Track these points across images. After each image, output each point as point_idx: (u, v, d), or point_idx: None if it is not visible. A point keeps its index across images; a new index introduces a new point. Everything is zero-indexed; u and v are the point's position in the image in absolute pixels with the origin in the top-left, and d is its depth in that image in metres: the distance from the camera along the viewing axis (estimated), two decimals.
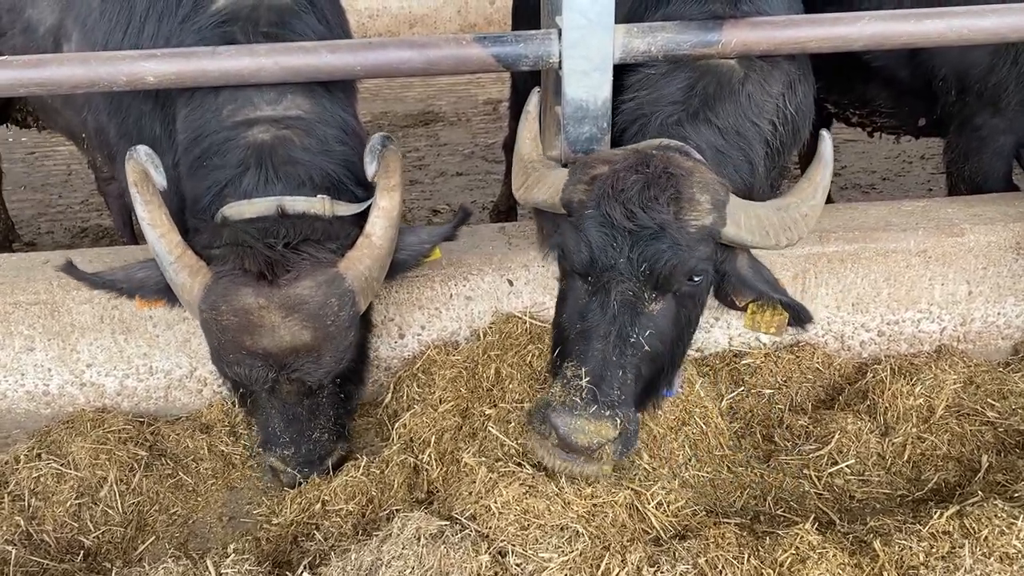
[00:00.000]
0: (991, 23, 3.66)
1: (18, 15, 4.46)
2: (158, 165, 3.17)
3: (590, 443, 2.95)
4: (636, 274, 3.03)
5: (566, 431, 2.94)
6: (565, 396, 2.98)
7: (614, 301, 3.04)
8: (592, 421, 2.94)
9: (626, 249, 3.01)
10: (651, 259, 3.00)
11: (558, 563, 2.94)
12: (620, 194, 3.03)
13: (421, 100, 9.62)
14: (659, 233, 3.00)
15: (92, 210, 7.39)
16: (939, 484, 3.59)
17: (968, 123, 4.69)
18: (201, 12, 3.59)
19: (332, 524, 3.38)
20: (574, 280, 3.20)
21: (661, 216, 3.00)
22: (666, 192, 3.02)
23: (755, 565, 2.98)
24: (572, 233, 3.13)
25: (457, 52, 3.59)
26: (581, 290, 3.16)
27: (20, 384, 3.96)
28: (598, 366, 3.01)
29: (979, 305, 4.22)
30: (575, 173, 3.22)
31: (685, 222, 3.03)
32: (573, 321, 3.16)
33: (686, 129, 3.37)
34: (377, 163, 3.27)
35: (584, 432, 2.94)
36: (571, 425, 2.94)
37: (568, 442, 2.96)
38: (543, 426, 3.02)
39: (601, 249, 3.04)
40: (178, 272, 3.17)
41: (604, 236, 3.03)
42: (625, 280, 3.04)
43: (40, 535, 3.41)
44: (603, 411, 2.95)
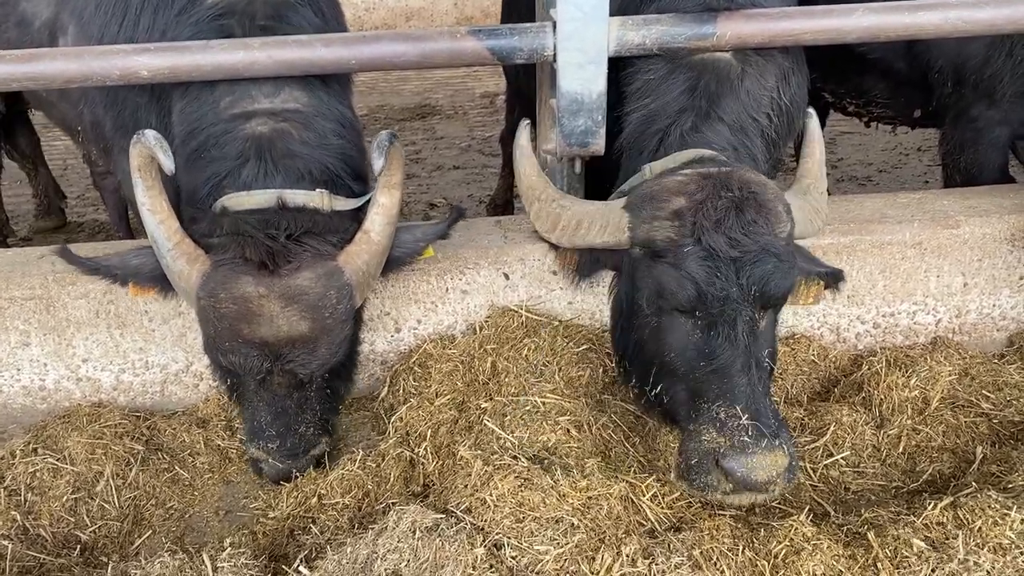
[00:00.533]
0: (986, 15, 3.66)
1: (12, 8, 4.45)
2: (167, 149, 3.15)
3: (769, 478, 2.92)
4: (749, 299, 3.01)
5: (745, 472, 2.90)
6: (732, 439, 2.93)
7: (742, 333, 3.01)
8: (767, 455, 2.91)
9: (734, 277, 2.99)
10: (760, 282, 2.99)
11: (553, 555, 2.94)
12: (719, 224, 3.00)
13: (418, 93, 9.63)
14: (761, 254, 3.00)
15: (88, 205, 7.39)
16: (934, 476, 3.60)
17: (964, 114, 4.69)
18: (198, 5, 3.59)
19: (328, 518, 3.38)
20: (674, 317, 3.13)
21: (764, 238, 3.00)
22: (760, 212, 3.03)
23: (750, 557, 2.98)
24: (669, 271, 3.07)
25: (452, 45, 3.59)
26: (688, 326, 3.10)
27: (16, 379, 3.96)
28: (750, 401, 2.98)
29: (974, 297, 4.23)
30: (644, 209, 3.16)
31: (779, 236, 3.05)
32: (692, 359, 3.09)
33: (705, 133, 3.38)
34: (384, 159, 3.27)
35: (763, 468, 2.91)
36: (749, 465, 2.90)
37: (748, 483, 2.92)
38: (710, 476, 2.97)
39: (709, 283, 3.00)
40: (176, 259, 3.17)
41: (709, 269, 3.00)
42: (744, 308, 3.01)
43: (36, 530, 3.41)
44: (773, 443, 2.92)
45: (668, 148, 3.40)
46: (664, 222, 3.10)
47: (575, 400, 3.59)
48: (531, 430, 3.40)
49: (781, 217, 3.08)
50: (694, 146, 3.35)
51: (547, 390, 3.59)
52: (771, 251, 3.01)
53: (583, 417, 3.52)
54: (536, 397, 3.55)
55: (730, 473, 2.93)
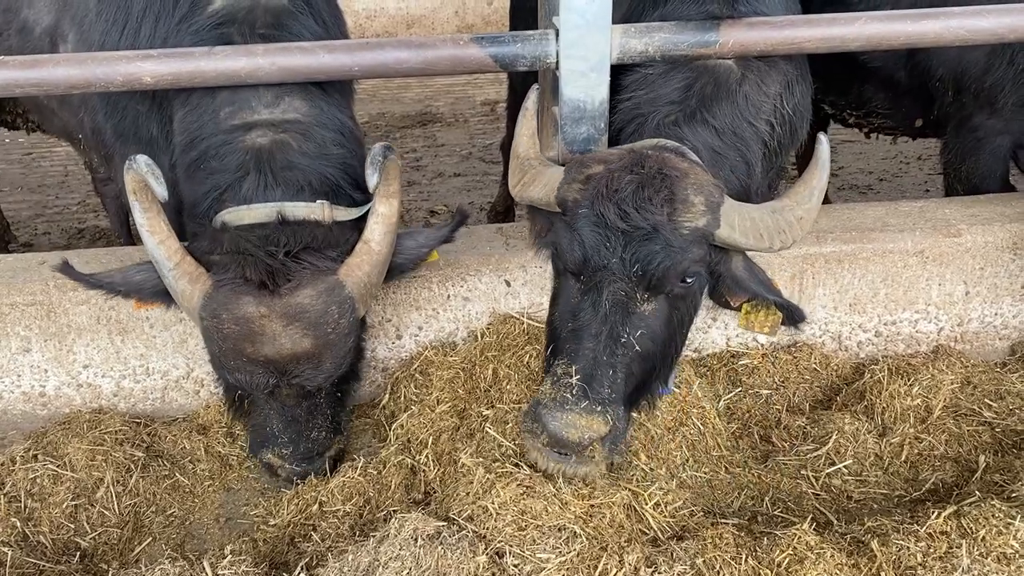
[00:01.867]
0: (988, 23, 3.67)
1: (14, 15, 4.45)
2: (158, 176, 3.15)
3: (580, 438, 2.95)
4: (628, 274, 3.03)
5: (556, 427, 2.95)
6: (555, 393, 2.99)
7: (606, 301, 3.04)
8: (582, 416, 2.95)
9: (619, 249, 3.02)
10: (644, 260, 3.01)
11: (555, 564, 2.93)
12: (614, 194, 3.03)
13: (419, 101, 9.62)
14: (652, 234, 3.00)
15: (89, 211, 7.38)
16: (936, 484, 3.59)
17: (965, 124, 4.69)
18: (198, 13, 3.58)
19: (329, 525, 3.37)
20: (567, 279, 3.20)
21: (655, 217, 3.00)
22: (660, 193, 3.02)
23: (753, 566, 2.98)
24: (566, 232, 3.13)
25: (454, 52, 3.59)
26: (574, 289, 3.16)
27: (16, 385, 3.95)
28: (588, 364, 3.01)
29: (976, 305, 4.22)
30: (571, 172, 3.22)
31: (678, 223, 3.03)
32: (565, 320, 3.16)
33: (683, 130, 3.37)
34: (379, 175, 3.27)
35: (575, 427, 2.95)
36: (561, 420, 2.95)
37: (558, 437, 2.97)
38: (534, 424, 3.03)
39: (594, 249, 3.04)
40: (178, 279, 3.16)
41: (597, 236, 3.03)
42: (617, 280, 3.04)
43: (36, 536, 3.41)
44: (593, 407, 2.96)
45: (642, 135, 3.41)
46: (576, 184, 3.15)
47: None
48: None
49: (690, 207, 3.05)
50: (666, 138, 3.35)
51: None
52: (662, 233, 3.00)
53: None
54: None
55: (544, 423, 2.97)
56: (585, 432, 2.95)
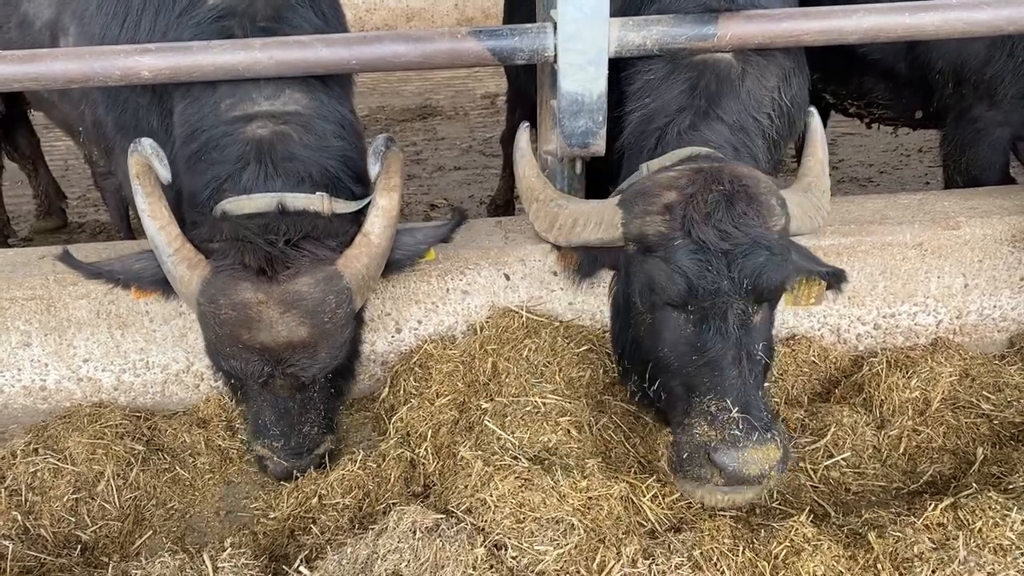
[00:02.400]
0: (987, 15, 3.66)
1: (14, 9, 4.46)
2: (163, 158, 3.17)
3: (761, 471, 2.90)
4: (740, 292, 3.01)
5: (736, 467, 2.88)
6: (723, 433, 2.92)
7: (732, 326, 3.01)
8: (759, 449, 2.89)
9: (725, 270, 2.99)
10: (752, 275, 2.99)
11: (553, 556, 2.94)
12: (709, 217, 3.00)
13: (419, 94, 9.62)
14: (753, 247, 3.00)
15: (89, 205, 7.39)
16: (934, 476, 3.59)
17: (965, 115, 4.69)
18: (198, 6, 3.59)
19: (329, 518, 3.38)
20: (666, 312, 3.13)
21: (754, 230, 3.00)
22: (751, 205, 3.03)
23: (750, 557, 2.99)
24: (659, 266, 3.07)
25: (452, 46, 3.59)
26: (680, 320, 3.10)
27: (17, 379, 3.96)
28: (741, 394, 2.97)
29: (975, 298, 4.22)
30: (636, 205, 3.17)
31: (771, 229, 3.04)
32: (684, 354, 3.08)
33: (704, 132, 3.38)
34: (381, 165, 3.27)
35: (755, 462, 2.89)
36: (741, 459, 2.88)
37: (740, 476, 2.90)
38: (703, 470, 2.95)
39: (699, 276, 3.00)
40: (176, 265, 3.17)
41: (699, 262, 3.00)
42: (735, 301, 3.01)
43: (37, 530, 3.42)
44: (764, 436, 2.91)
45: (666, 146, 3.40)
46: (655, 216, 3.11)
47: (575, 401, 3.60)
48: (531, 431, 3.40)
49: (774, 210, 3.08)
50: (691, 144, 3.35)
51: (547, 391, 3.59)
52: (762, 244, 3.00)
53: (583, 418, 3.52)
54: (536, 398, 3.55)
55: (721, 467, 2.91)
56: (764, 464, 2.90)
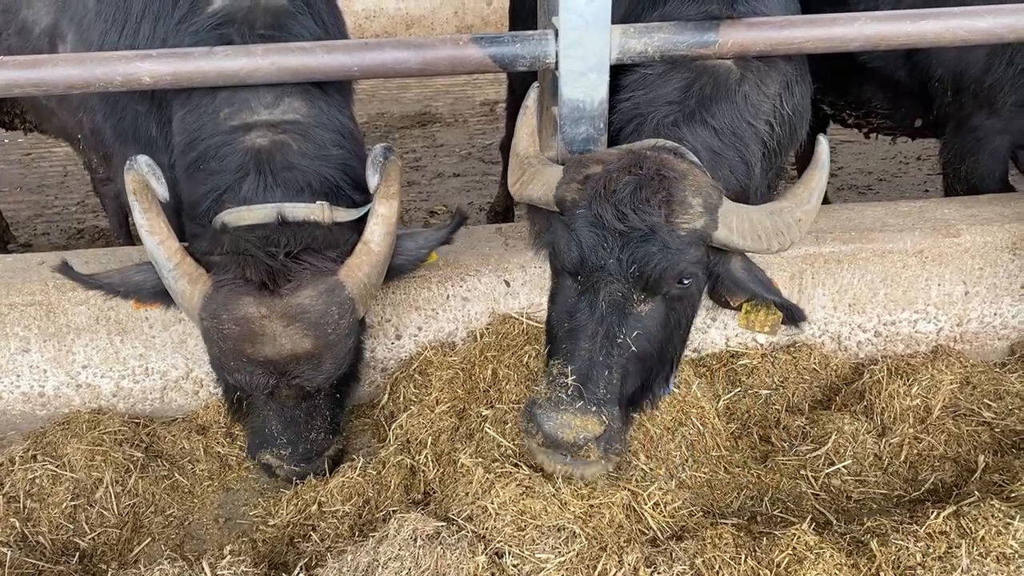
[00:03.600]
0: (987, 24, 3.66)
1: (13, 16, 4.44)
2: (159, 176, 3.16)
3: (575, 438, 2.95)
4: (625, 275, 3.03)
5: (551, 427, 2.96)
6: (551, 393, 3.00)
7: (602, 301, 3.04)
8: (577, 416, 2.95)
9: (616, 250, 3.01)
10: (640, 261, 3.00)
11: (554, 564, 2.93)
12: (612, 195, 3.03)
13: (418, 101, 9.62)
14: (649, 235, 3.00)
15: (88, 211, 7.38)
16: (936, 484, 3.59)
17: (964, 124, 4.69)
18: (198, 13, 3.58)
19: (328, 525, 3.37)
20: (564, 279, 3.20)
21: (652, 219, 3.00)
22: (658, 195, 3.02)
23: (752, 566, 2.98)
24: (564, 232, 3.13)
25: (454, 53, 3.59)
26: (571, 289, 3.16)
27: (16, 385, 3.95)
28: (584, 365, 3.01)
29: (975, 305, 4.22)
30: (569, 171, 3.22)
31: (676, 225, 3.02)
32: (562, 319, 3.16)
33: (682, 130, 3.36)
34: (380, 176, 3.27)
35: (569, 427, 2.95)
36: (556, 420, 2.95)
37: (552, 437, 2.97)
38: (530, 424, 3.03)
39: (591, 249, 3.03)
40: (177, 279, 3.16)
41: (595, 236, 3.03)
42: (614, 281, 3.03)
43: (35, 537, 3.40)
44: (588, 407, 2.96)
45: (640, 135, 3.41)
46: (575, 184, 3.14)
47: None
48: None
49: (688, 208, 3.04)
50: (665, 138, 3.35)
51: None
52: (659, 234, 3.00)
53: None
54: None
55: (538, 423, 2.97)
56: (579, 432, 2.95)
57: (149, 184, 3.14)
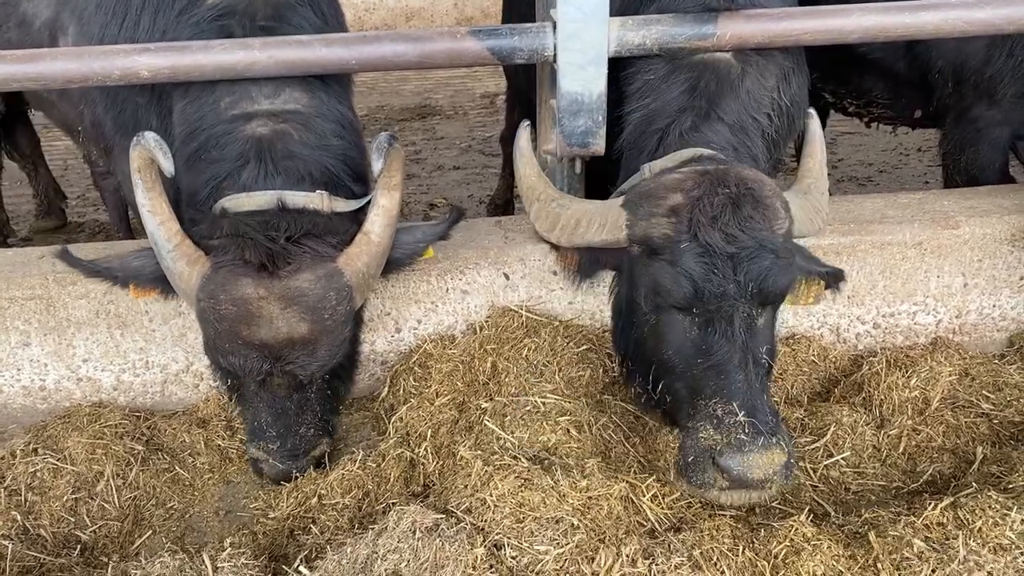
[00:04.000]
0: (986, 15, 3.66)
1: (13, 8, 4.46)
2: (166, 152, 3.16)
3: (765, 475, 2.91)
4: (746, 296, 3.01)
5: (741, 470, 2.90)
6: (728, 437, 2.93)
7: (738, 329, 3.01)
8: (764, 453, 2.90)
9: (730, 273, 2.99)
10: (758, 278, 2.99)
11: (553, 556, 2.94)
12: (715, 220, 3.00)
13: (418, 94, 9.62)
14: (759, 250, 2.99)
15: (88, 205, 7.39)
16: (934, 476, 3.59)
17: (964, 115, 4.69)
18: (198, 5, 3.59)
19: (328, 518, 3.38)
20: (670, 314, 3.13)
21: (761, 233, 3.00)
22: (757, 208, 3.02)
23: (750, 557, 2.98)
24: (665, 268, 3.07)
25: (452, 46, 3.59)
26: (685, 323, 3.10)
27: (16, 379, 3.96)
28: (747, 398, 2.97)
29: (974, 297, 4.22)
30: (641, 207, 3.17)
31: (776, 233, 3.03)
32: (689, 356, 3.09)
33: (705, 133, 3.38)
34: (384, 161, 3.27)
35: (759, 467, 2.90)
36: (745, 463, 2.90)
37: (744, 480, 2.91)
38: (707, 474, 2.97)
39: (705, 279, 2.99)
40: (176, 260, 3.17)
41: (705, 265, 2.99)
42: (741, 305, 3.01)
43: (36, 530, 3.41)
44: (770, 440, 2.92)
45: (667, 147, 3.40)
46: (661, 219, 3.10)
47: (575, 400, 3.60)
48: (531, 430, 3.40)
49: (779, 214, 3.08)
50: (693, 145, 3.35)
51: (547, 390, 3.59)
52: (768, 247, 3.00)
53: (583, 417, 3.52)
54: (536, 397, 3.55)
55: (727, 471, 2.92)
56: (769, 468, 2.91)
57: (155, 160, 3.14)
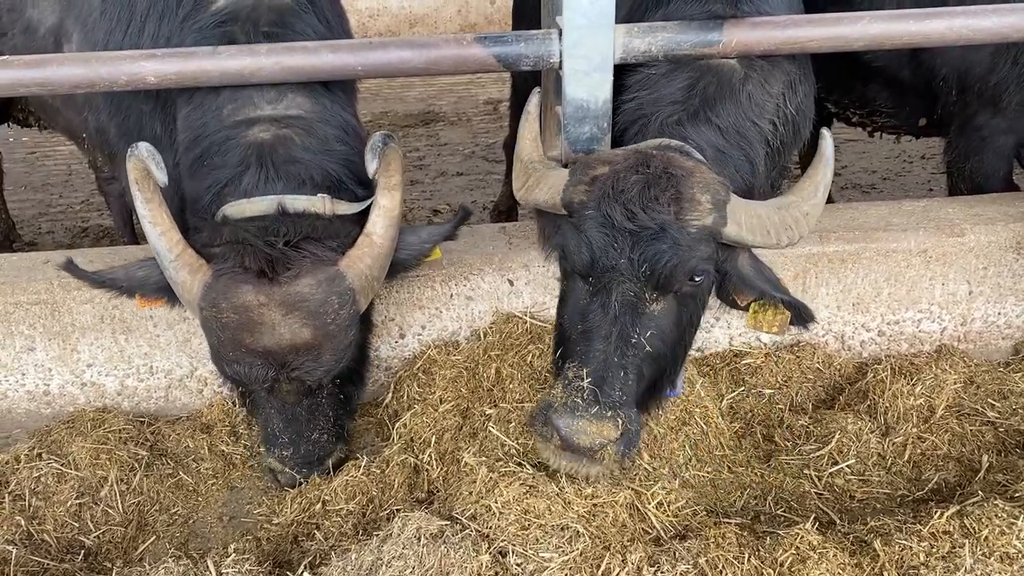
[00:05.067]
0: (992, 23, 3.66)
1: (19, 15, 4.46)
2: (159, 162, 3.17)
3: (592, 444, 2.94)
4: (637, 275, 3.02)
5: (568, 432, 2.93)
6: (567, 397, 2.97)
7: (615, 302, 3.04)
8: (594, 422, 2.93)
9: (627, 250, 3.01)
10: (652, 259, 3.00)
11: (558, 563, 2.94)
12: (620, 195, 3.03)
13: (422, 100, 9.62)
14: (660, 233, 3.00)
15: (93, 210, 7.39)
16: (939, 484, 3.59)
17: (969, 123, 4.68)
18: (202, 12, 3.59)
19: (332, 524, 3.38)
20: (575, 281, 3.20)
21: (662, 216, 3.00)
22: (667, 192, 3.02)
23: (755, 565, 2.98)
24: (573, 234, 3.13)
25: (458, 52, 3.59)
26: (582, 291, 3.15)
27: (21, 384, 3.96)
28: (599, 367, 3.00)
29: (979, 305, 4.22)
30: (575, 173, 3.22)
31: (686, 222, 3.02)
32: (574, 322, 3.16)
33: (686, 129, 3.36)
34: (378, 161, 3.27)
35: (586, 433, 2.93)
36: (573, 426, 2.93)
37: (570, 443, 2.94)
38: (545, 428, 3.00)
39: (602, 250, 3.03)
40: (178, 270, 3.17)
41: (605, 237, 3.03)
42: (626, 281, 3.03)
43: (41, 535, 3.41)
44: (604, 412, 2.94)
45: (645, 135, 3.41)
46: (582, 186, 3.14)
47: None
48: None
49: (697, 206, 3.04)
50: (670, 137, 3.34)
51: None
52: (669, 232, 3.00)
53: None
54: None
55: (556, 429, 2.95)
56: (596, 438, 2.93)
57: (149, 171, 3.14)
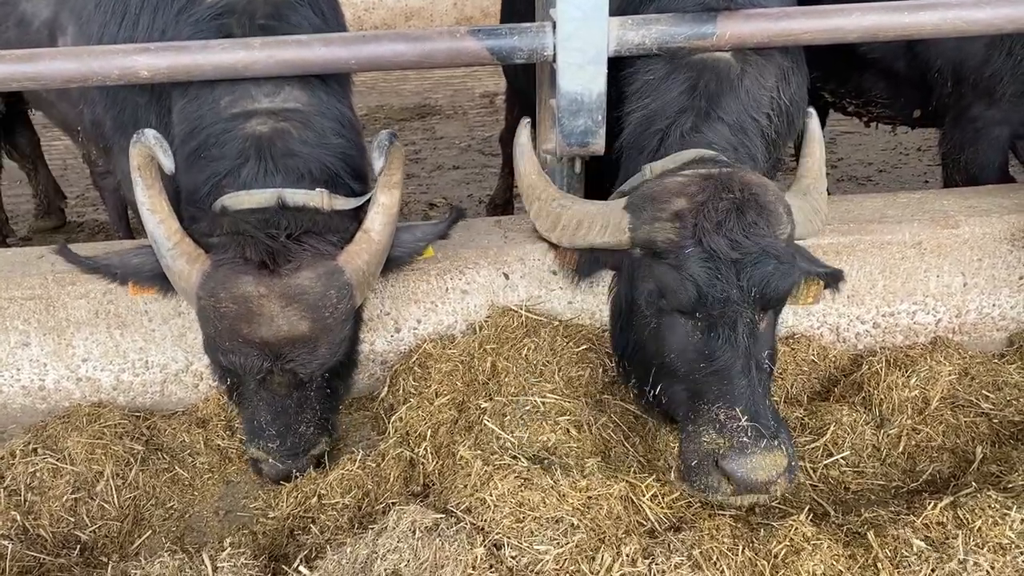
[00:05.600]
0: (986, 14, 3.66)
1: (12, 8, 4.45)
2: (166, 149, 3.16)
3: (769, 478, 2.92)
4: (749, 301, 3.02)
5: (744, 473, 2.91)
6: (731, 440, 2.94)
7: (742, 335, 3.02)
8: (766, 455, 2.92)
9: (734, 279, 3.00)
10: (760, 283, 3.00)
11: (553, 555, 2.94)
12: (720, 226, 3.01)
13: (417, 93, 9.62)
14: (762, 256, 3.01)
15: (88, 205, 7.39)
16: (934, 475, 3.59)
17: (964, 114, 4.69)
18: (197, 4, 3.59)
19: (328, 518, 3.38)
20: (672, 318, 3.14)
21: (764, 239, 3.01)
22: (761, 214, 3.04)
23: (749, 556, 2.98)
24: (669, 272, 3.08)
25: (451, 45, 3.59)
26: (688, 327, 3.11)
27: (16, 379, 3.96)
28: (750, 402, 2.99)
29: (974, 297, 4.23)
30: (644, 210, 3.17)
31: (779, 238, 3.05)
32: (692, 361, 3.10)
33: (706, 134, 3.38)
34: (385, 159, 3.27)
35: (762, 468, 2.91)
36: (749, 465, 2.91)
37: (748, 483, 2.93)
38: (711, 478, 2.98)
39: (709, 284, 3.01)
40: (175, 259, 3.17)
41: (709, 270, 3.01)
42: (744, 310, 3.02)
43: (36, 529, 3.41)
44: (772, 443, 2.93)
45: (668, 148, 3.40)
46: (665, 223, 3.11)
47: (575, 400, 3.59)
48: (531, 430, 3.40)
49: (781, 219, 3.09)
50: (694, 146, 3.35)
51: (547, 390, 3.59)
52: (771, 253, 3.01)
53: (583, 417, 3.52)
54: (536, 397, 3.55)
55: (730, 474, 2.94)
56: (772, 470, 2.92)
57: (155, 158, 3.14)
